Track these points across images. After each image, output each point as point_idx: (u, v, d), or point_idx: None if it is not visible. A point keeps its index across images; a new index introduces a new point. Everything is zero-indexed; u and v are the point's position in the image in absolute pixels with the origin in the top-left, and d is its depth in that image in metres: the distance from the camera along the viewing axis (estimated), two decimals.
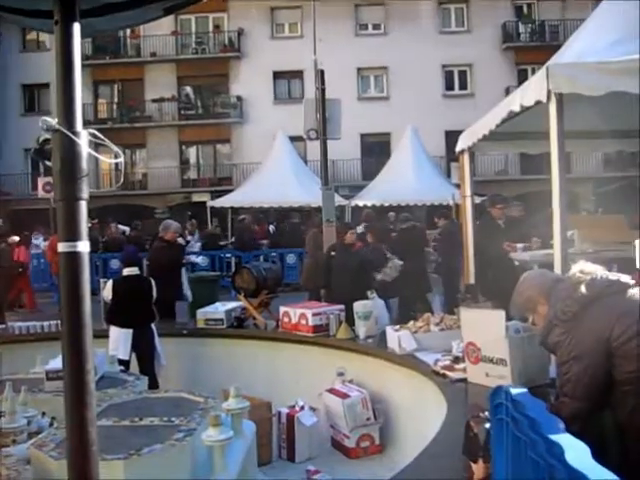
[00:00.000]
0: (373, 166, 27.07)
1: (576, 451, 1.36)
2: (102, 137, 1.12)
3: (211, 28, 31.93)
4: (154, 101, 31.16)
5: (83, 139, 1.07)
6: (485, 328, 4.39)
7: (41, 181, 19.60)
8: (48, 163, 1.07)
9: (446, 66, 30.89)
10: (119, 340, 7.06)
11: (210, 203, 23.72)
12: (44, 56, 31.42)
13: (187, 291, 8.96)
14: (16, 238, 16.15)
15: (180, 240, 11.18)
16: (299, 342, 6.90)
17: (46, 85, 31.58)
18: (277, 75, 30.75)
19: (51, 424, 4.91)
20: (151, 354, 7.12)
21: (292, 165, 22.77)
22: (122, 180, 1.66)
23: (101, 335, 7.63)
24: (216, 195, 26.09)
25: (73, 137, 1.03)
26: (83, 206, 1.08)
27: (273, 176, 21.88)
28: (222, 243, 20.03)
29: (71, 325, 1.12)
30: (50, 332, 7.87)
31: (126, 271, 7.36)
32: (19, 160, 31.97)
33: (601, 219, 10.45)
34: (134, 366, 7.10)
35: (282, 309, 7.13)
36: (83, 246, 1.08)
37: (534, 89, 4.57)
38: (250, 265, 7.60)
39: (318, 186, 21.51)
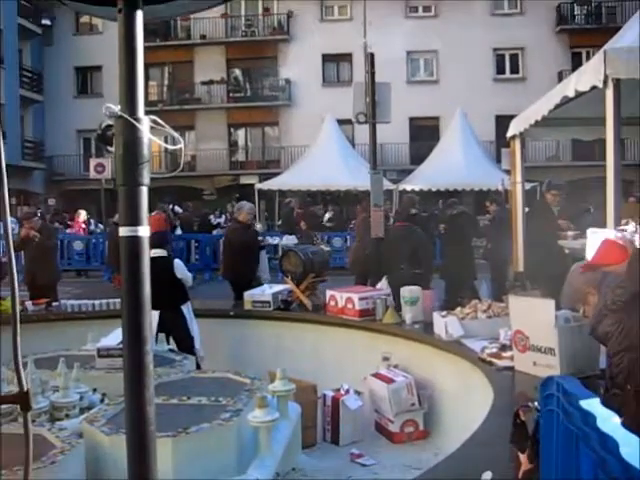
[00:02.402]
0: (421, 150, 26.84)
1: (631, 446, 1.34)
2: (162, 123, 1.14)
3: (260, 10, 31.98)
4: (203, 83, 31.41)
5: (145, 125, 1.09)
6: (534, 317, 4.34)
7: (93, 162, 20.03)
8: (110, 149, 1.10)
9: (497, 49, 30.35)
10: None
11: (258, 186, 23.85)
12: (97, 39, 31.90)
13: (265, 274, 8.99)
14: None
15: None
16: (345, 326, 6.91)
17: (98, 68, 32.12)
18: (326, 58, 30.65)
19: (102, 400, 5.05)
20: (184, 337, 7.06)
21: (340, 148, 22.74)
22: (181, 166, 1.67)
23: None
24: (264, 178, 26.23)
25: (135, 123, 1.05)
26: (144, 192, 1.10)
27: (321, 159, 21.91)
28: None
29: (131, 307, 1.15)
30: (101, 311, 8.00)
31: (152, 252, 7.34)
32: (72, 141, 32.63)
33: None
34: None
35: (329, 293, 7.15)
36: (144, 231, 1.11)
37: (590, 74, 4.47)
38: (297, 248, 7.63)
39: (366, 170, 21.57)
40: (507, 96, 27.86)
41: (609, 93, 4.43)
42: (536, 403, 2.47)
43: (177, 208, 21.42)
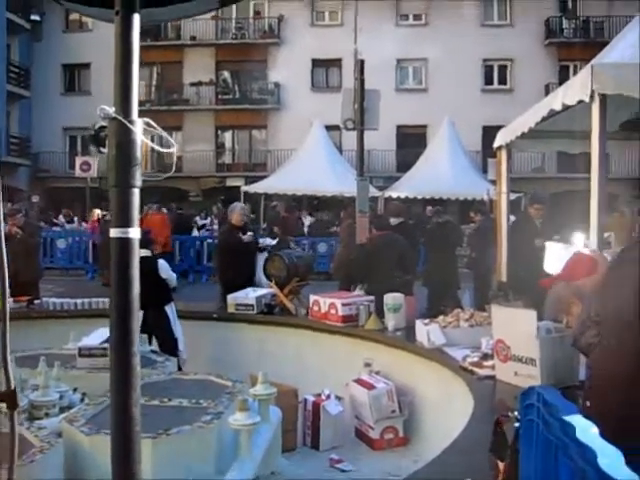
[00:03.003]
0: (408, 158, 26.94)
1: (609, 456, 1.36)
2: (155, 126, 1.15)
3: (251, 14, 32.01)
4: (192, 85, 31.36)
5: (138, 128, 1.09)
6: (516, 327, 4.37)
7: (78, 160, 19.98)
8: (103, 150, 1.10)
9: (486, 60, 30.58)
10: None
11: (244, 188, 23.84)
12: (86, 36, 31.78)
13: (262, 275, 8.94)
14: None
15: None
16: (328, 331, 6.93)
17: (87, 65, 32.00)
18: (316, 63, 30.72)
19: (82, 400, 5.02)
20: (168, 337, 7.08)
21: (327, 154, 22.80)
22: (173, 169, 1.67)
23: None
24: (250, 181, 26.22)
25: (129, 125, 1.06)
26: (136, 193, 1.11)
27: (308, 164, 21.94)
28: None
29: (120, 308, 1.15)
30: (83, 310, 7.97)
31: (141, 252, 7.38)
32: (58, 138, 32.45)
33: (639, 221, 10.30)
34: None
35: (312, 298, 7.16)
36: (134, 232, 1.12)
37: (577, 88, 4.52)
38: (282, 252, 7.63)
39: (353, 176, 21.60)
40: (495, 107, 28.05)
41: (595, 108, 4.48)
42: (516, 413, 2.49)
43: (163, 209, 21.33)
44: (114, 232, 1.10)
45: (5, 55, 29.99)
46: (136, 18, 1.08)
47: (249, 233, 8.47)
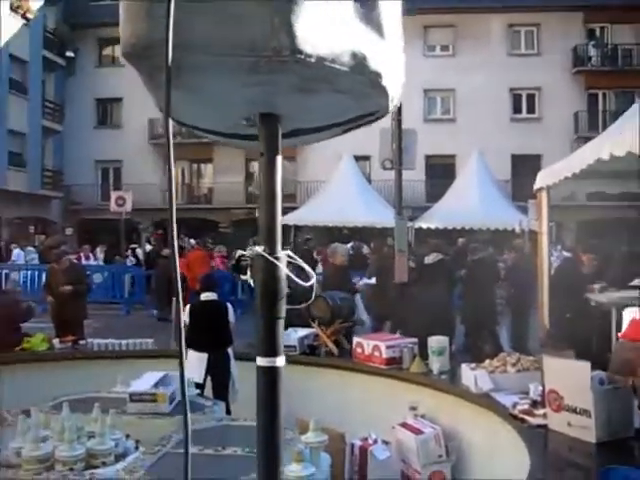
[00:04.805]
0: (437, 188, 27.00)
1: None
2: (295, 257, 1.24)
3: None
4: None
5: (283, 262, 1.18)
6: (569, 377, 4.39)
7: (114, 195, 20.29)
8: (244, 277, 1.20)
9: (514, 89, 30.66)
10: (195, 363, 7.24)
11: None
12: (118, 71, 32.39)
13: (362, 314, 8.90)
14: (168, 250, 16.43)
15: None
16: (371, 373, 6.94)
17: (119, 100, 32.67)
18: None
19: (136, 447, 5.10)
20: (225, 379, 7.27)
21: (357, 185, 22.92)
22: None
23: (173, 356, 7.87)
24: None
25: (275, 262, 1.15)
26: (281, 324, 1.19)
27: (338, 195, 22.07)
28: None
29: (266, 440, 1.23)
30: (128, 351, 8.07)
31: (203, 296, 7.57)
32: (90, 171, 33.06)
33: None
34: (207, 390, 7.27)
35: (355, 339, 7.20)
36: (280, 361, 1.20)
37: (626, 140, 4.56)
38: (325, 294, 7.70)
39: (383, 207, 21.72)
40: (523, 135, 28.12)
41: None
42: None
43: (192, 240, 21.57)
44: (261, 361, 1.19)
45: (41, 91, 30.73)
46: (279, 160, 1.17)
47: None
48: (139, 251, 23.72)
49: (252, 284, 1.15)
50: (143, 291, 18.63)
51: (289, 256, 1.23)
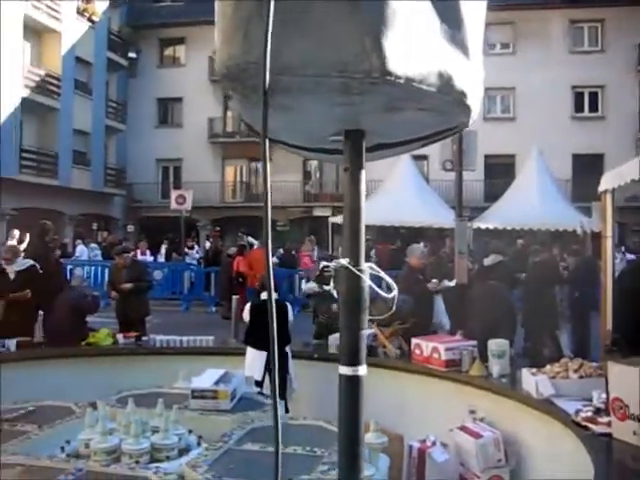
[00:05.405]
0: (496, 188, 26.63)
1: None
2: (378, 269, 1.27)
3: None
4: None
5: (366, 274, 1.22)
6: (634, 385, 4.31)
7: (174, 194, 20.64)
8: (326, 287, 1.24)
9: (576, 87, 30.03)
10: (254, 361, 7.35)
11: (332, 219, 24.04)
12: (179, 71, 33.13)
13: (443, 317, 8.87)
14: (233, 249, 16.67)
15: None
16: (430, 375, 6.93)
17: (179, 99, 33.27)
18: None
19: (198, 443, 5.20)
20: (283, 377, 7.34)
21: (416, 185, 22.78)
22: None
23: (233, 353, 7.99)
24: (338, 211, 26.47)
25: (359, 274, 1.18)
26: (363, 336, 1.23)
27: (396, 195, 21.96)
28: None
29: (347, 440, 1.26)
30: (188, 347, 8.22)
31: (264, 295, 7.66)
32: (151, 169, 33.73)
33: None
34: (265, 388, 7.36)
35: (414, 341, 7.19)
36: (362, 370, 1.24)
37: None
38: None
39: (441, 207, 21.55)
40: (585, 134, 27.55)
41: None
42: None
43: (251, 239, 21.77)
44: (343, 369, 1.23)
45: (104, 92, 31.51)
46: (363, 174, 1.21)
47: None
48: (197, 248, 24.12)
49: (335, 295, 1.19)
50: (202, 288, 18.95)
51: (372, 268, 1.26)
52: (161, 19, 33.37)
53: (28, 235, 16.14)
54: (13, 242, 16.53)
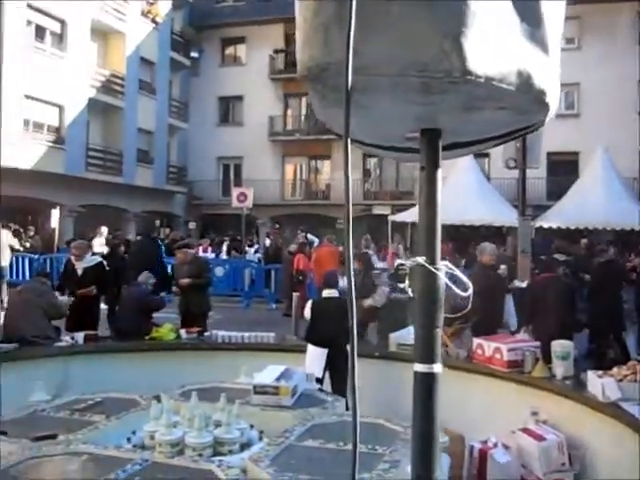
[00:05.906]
0: (559, 186, 26.03)
1: None
2: (453, 267, 1.28)
3: None
4: None
5: (442, 272, 1.22)
6: None
7: (235, 191, 20.84)
8: (400, 285, 1.25)
9: None
10: (315, 358, 7.38)
11: (391, 217, 23.91)
12: (240, 70, 33.50)
13: (512, 318, 8.78)
14: (294, 246, 16.83)
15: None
16: (492, 375, 6.84)
17: (240, 97, 33.65)
18: None
19: (260, 438, 5.27)
20: (344, 374, 7.33)
21: (477, 183, 22.44)
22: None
23: (293, 350, 8.03)
24: (397, 209, 26.34)
25: (435, 272, 1.19)
26: (438, 333, 1.23)
27: (457, 193, 21.65)
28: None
29: (421, 441, 1.27)
30: (250, 343, 8.31)
31: (325, 293, 7.68)
32: (212, 167, 34.20)
33: None
34: (326, 385, 7.38)
35: (476, 341, 7.12)
36: (437, 367, 1.24)
37: None
38: (448, 294, 7.61)
39: (502, 205, 21.20)
40: None
41: None
42: None
43: (310, 236, 21.83)
44: (418, 367, 1.24)
45: (168, 91, 32.12)
46: (439, 173, 1.21)
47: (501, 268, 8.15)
48: (257, 246, 24.36)
49: (411, 293, 1.20)
50: (263, 285, 19.11)
51: (447, 267, 1.26)
52: (222, 19, 33.80)
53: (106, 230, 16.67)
54: (101, 239, 17.05)
